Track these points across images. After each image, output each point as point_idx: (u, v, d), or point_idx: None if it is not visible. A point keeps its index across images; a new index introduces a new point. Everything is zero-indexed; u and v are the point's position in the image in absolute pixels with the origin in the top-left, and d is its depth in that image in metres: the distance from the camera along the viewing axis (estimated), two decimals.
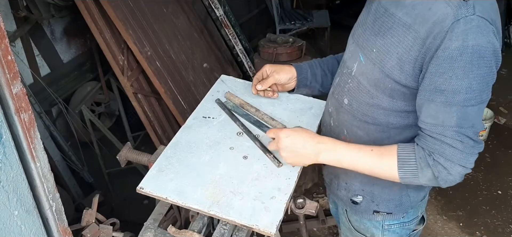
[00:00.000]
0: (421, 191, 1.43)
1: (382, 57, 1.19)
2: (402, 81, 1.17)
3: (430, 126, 1.13)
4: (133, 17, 2.96)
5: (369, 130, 1.31)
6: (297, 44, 3.03)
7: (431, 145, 1.14)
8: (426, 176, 1.16)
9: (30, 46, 3.02)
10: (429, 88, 1.11)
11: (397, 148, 1.19)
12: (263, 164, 1.41)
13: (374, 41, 1.23)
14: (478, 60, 1.04)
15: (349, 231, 1.58)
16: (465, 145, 1.11)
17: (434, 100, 1.10)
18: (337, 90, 1.40)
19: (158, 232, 1.40)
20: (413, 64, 1.13)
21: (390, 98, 1.23)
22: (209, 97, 1.72)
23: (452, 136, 1.10)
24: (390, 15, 1.19)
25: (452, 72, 1.06)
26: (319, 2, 5.59)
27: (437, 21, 1.06)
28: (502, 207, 3.02)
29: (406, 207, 1.43)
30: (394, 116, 1.26)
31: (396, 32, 1.16)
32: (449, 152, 1.12)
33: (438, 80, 1.08)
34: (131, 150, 1.63)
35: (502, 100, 4.15)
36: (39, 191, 1.05)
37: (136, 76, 3.07)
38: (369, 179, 1.36)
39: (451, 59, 1.05)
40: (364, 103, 1.29)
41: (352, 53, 1.34)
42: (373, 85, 1.24)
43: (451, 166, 1.13)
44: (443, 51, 1.05)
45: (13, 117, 0.94)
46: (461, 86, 1.06)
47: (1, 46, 0.86)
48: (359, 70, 1.29)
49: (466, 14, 1.04)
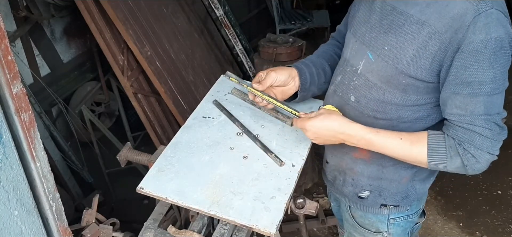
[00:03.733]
0: (427, 182, 1.45)
1: (396, 54, 1.22)
2: (419, 76, 1.20)
3: (458, 116, 1.17)
4: (133, 17, 2.96)
5: (378, 124, 1.32)
6: (297, 44, 3.03)
7: (461, 135, 1.17)
8: (454, 164, 1.19)
9: (30, 46, 3.02)
10: (455, 82, 1.14)
11: (427, 136, 1.22)
12: (263, 164, 1.41)
13: (385, 39, 1.25)
14: (500, 51, 1.09)
15: (353, 228, 1.58)
16: (493, 132, 1.15)
17: (460, 93, 1.14)
18: (340, 88, 1.40)
19: (158, 232, 1.40)
20: (432, 59, 1.16)
21: (403, 93, 1.25)
22: (209, 97, 1.72)
23: (481, 124, 1.14)
24: (400, 13, 1.22)
25: (478, 65, 1.10)
26: (319, 2, 5.60)
27: (456, 16, 1.10)
28: (502, 207, 3.02)
29: (412, 199, 1.45)
30: (406, 110, 1.28)
31: (409, 29, 1.19)
32: (479, 140, 1.15)
33: (464, 74, 1.12)
34: (131, 150, 1.64)
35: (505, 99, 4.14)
36: (39, 191, 1.05)
37: (136, 76, 3.07)
38: (377, 174, 1.40)
39: (476, 52, 1.09)
40: (374, 100, 1.31)
41: (356, 52, 1.35)
42: (385, 82, 1.26)
43: (480, 154, 1.16)
44: (467, 45, 1.10)
45: (13, 118, 0.94)
46: (487, 77, 1.10)
47: (1, 46, 0.86)
48: (367, 68, 1.30)
49: (486, 8, 1.08)
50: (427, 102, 1.26)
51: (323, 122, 1.30)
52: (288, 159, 1.43)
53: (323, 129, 1.30)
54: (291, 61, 2.96)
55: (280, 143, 1.50)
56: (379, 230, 1.52)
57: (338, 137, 1.30)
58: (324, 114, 1.31)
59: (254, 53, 3.74)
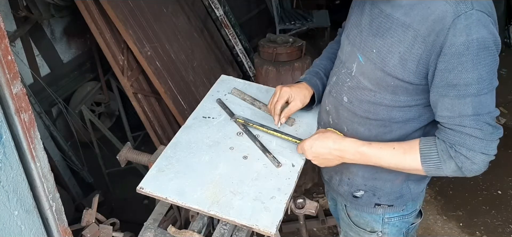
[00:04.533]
0: (421, 183, 1.45)
1: (383, 57, 1.22)
2: (406, 79, 1.20)
3: (448, 118, 1.16)
4: (133, 17, 2.96)
5: (371, 125, 1.33)
6: (297, 44, 3.03)
7: (451, 137, 1.16)
8: (450, 167, 1.19)
9: (30, 46, 3.02)
10: (441, 85, 1.14)
11: (419, 143, 1.22)
12: (263, 164, 1.41)
13: (373, 42, 1.25)
14: (484, 51, 1.08)
15: (349, 227, 1.59)
16: (484, 132, 1.13)
17: (447, 95, 1.14)
18: (335, 88, 1.41)
19: (158, 232, 1.40)
20: (417, 62, 1.16)
21: (393, 95, 1.25)
22: (209, 97, 1.72)
23: (470, 125, 1.13)
24: (387, 16, 1.22)
25: (462, 67, 1.09)
26: (319, 2, 5.59)
27: (437, 19, 1.10)
28: (502, 207, 3.02)
29: (407, 199, 1.45)
30: (397, 111, 1.28)
31: (395, 32, 1.19)
32: (470, 141, 1.14)
33: (448, 76, 1.12)
34: (131, 150, 1.64)
35: (502, 100, 4.15)
36: (39, 191, 1.05)
37: (136, 76, 3.07)
38: (371, 174, 1.40)
39: (459, 54, 1.08)
40: (365, 101, 1.31)
41: (349, 54, 1.36)
42: (375, 84, 1.27)
43: (474, 155, 1.15)
44: (449, 48, 1.09)
45: (13, 117, 0.94)
46: (472, 78, 1.09)
47: (1, 46, 0.86)
48: (359, 70, 1.31)
49: (465, 9, 1.08)
50: (417, 104, 1.26)
51: (318, 140, 1.34)
52: (288, 159, 1.43)
53: (319, 147, 1.34)
54: (291, 61, 2.97)
55: (279, 142, 1.50)
56: (374, 229, 1.52)
57: (334, 154, 1.32)
58: (319, 133, 1.36)
59: (254, 53, 3.74)
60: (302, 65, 2.97)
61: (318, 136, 1.35)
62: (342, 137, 1.34)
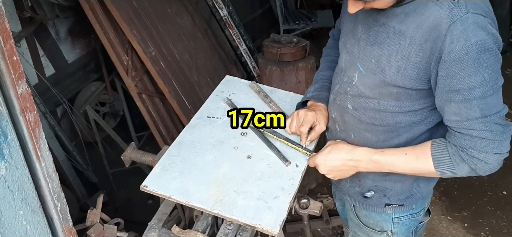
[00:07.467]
0: (431, 181, 1.45)
1: (382, 66, 1.21)
2: (407, 86, 1.19)
3: (456, 122, 1.15)
4: (137, 18, 2.96)
5: (377, 131, 1.32)
6: (301, 44, 3.03)
7: (462, 141, 1.15)
8: (463, 169, 1.18)
9: (35, 47, 3.03)
10: (445, 90, 1.13)
11: (431, 147, 1.21)
12: (267, 164, 1.41)
13: (371, 52, 1.24)
14: (484, 53, 1.06)
15: (358, 227, 1.58)
16: (494, 133, 1.12)
17: (453, 100, 1.12)
18: (339, 97, 1.40)
19: (162, 232, 1.40)
20: (417, 69, 1.15)
21: (397, 101, 1.25)
22: (213, 97, 1.72)
23: (480, 128, 1.12)
24: (382, 25, 1.21)
25: (464, 72, 1.08)
26: (323, 2, 5.57)
27: (433, 26, 1.09)
28: (507, 208, 3.00)
29: (417, 198, 1.45)
30: (402, 116, 1.27)
31: (392, 41, 1.18)
32: (481, 144, 1.13)
33: (451, 83, 1.10)
34: (136, 150, 1.64)
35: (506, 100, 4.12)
36: (44, 190, 1.06)
37: (141, 77, 3.08)
38: (381, 175, 1.39)
39: (459, 60, 1.07)
40: (370, 108, 1.31)
41: (349, 63, 1.35)
42: (377, 93, 1.26)
43: (486, 157, 1.14)
44: (448, 55, 1.08)
45: (18, 118, 0.95)
46: (475, 82, 1.08)
47: (7, 47, 0.87)
48: (360, 80, 1.30)
49: (460, 14, 1.06)
50: (422, 107, 1.25)
51: (331, 153, 1.34)
52: (292, 159, 1.43)
53: (333, 159, 1.33)
54: (295, 62, 2.97)
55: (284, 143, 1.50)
56: (383, 229, 1.51)
57: (348, 164, 1.32)
58: (331, 146, 1.36)
59: (258, 54, 3.73)
60: (306, 65, 2.97)
61: (330, 149, 1.35)
62: (354, 147, 1.33)
